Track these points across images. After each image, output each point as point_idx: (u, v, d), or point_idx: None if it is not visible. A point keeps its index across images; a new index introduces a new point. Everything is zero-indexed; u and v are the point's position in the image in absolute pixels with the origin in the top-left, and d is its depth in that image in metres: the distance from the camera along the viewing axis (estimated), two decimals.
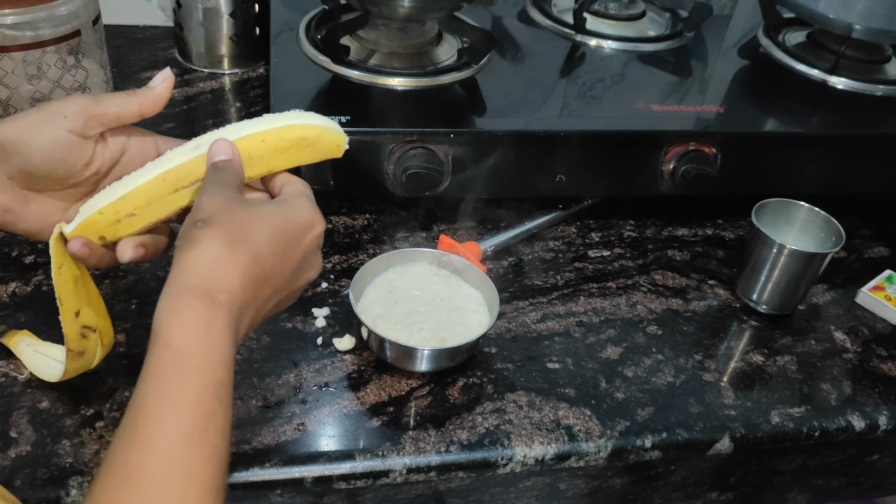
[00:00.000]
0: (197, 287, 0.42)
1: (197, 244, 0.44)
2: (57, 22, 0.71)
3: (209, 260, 0.43)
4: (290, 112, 0.54)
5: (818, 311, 0.78)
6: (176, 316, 0.41)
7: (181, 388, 0.39)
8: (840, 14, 0.91)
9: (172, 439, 0.38)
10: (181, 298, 0.42)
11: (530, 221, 0.82)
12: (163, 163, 0.50)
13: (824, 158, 0.84)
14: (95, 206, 0.50)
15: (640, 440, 0.62)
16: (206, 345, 0.41)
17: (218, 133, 0.52)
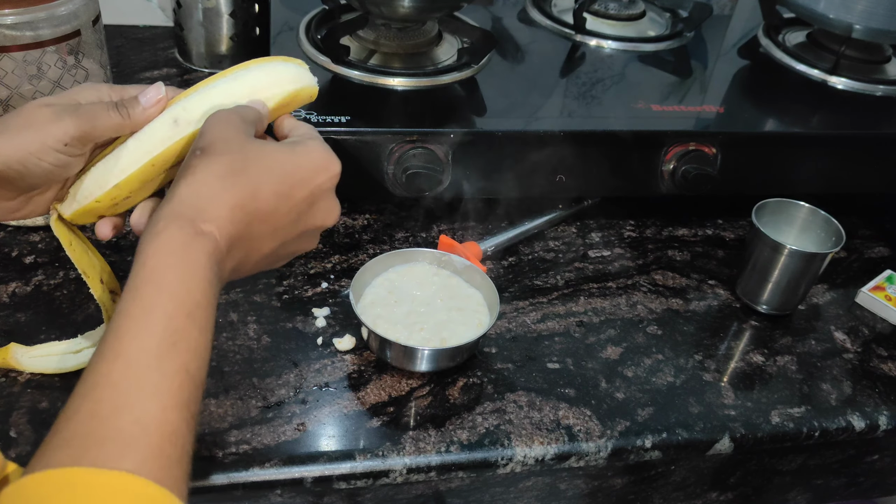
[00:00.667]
0: (181, 214, 0.42)
1: (191, 173, 0.44)
2: (57, 22, 0.70)
3: (198, 188, 0.43)
4: (259, 65, 0.54)
5: (818, 311, 0.78)
6: (156, 238, 0.41)
7: (153, 305, 0.40)
8: (840, 14, 0.91)
9: (141, 350, 0.38)
10: (162, 222, 0.42)
11: (530, 221, 0.82)
12: (147, 144, 0.50)
13: (824, 158, 0.84)
14: (90, 192, 0.51)
15: (641, 440, 0.62)
16: (180, 265, 0.41)
17: (193, 97, 0.51)
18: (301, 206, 0.47)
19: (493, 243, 0.79)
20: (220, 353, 0.64)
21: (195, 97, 0.51)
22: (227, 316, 0.68)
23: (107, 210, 0.52)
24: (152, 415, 0.37)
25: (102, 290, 0.56)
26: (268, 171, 0.45)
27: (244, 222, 0.44)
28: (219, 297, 0.44)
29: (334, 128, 0.71)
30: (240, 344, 0.65)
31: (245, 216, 0.44)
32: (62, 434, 0.36)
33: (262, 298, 0.70)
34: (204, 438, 0.57)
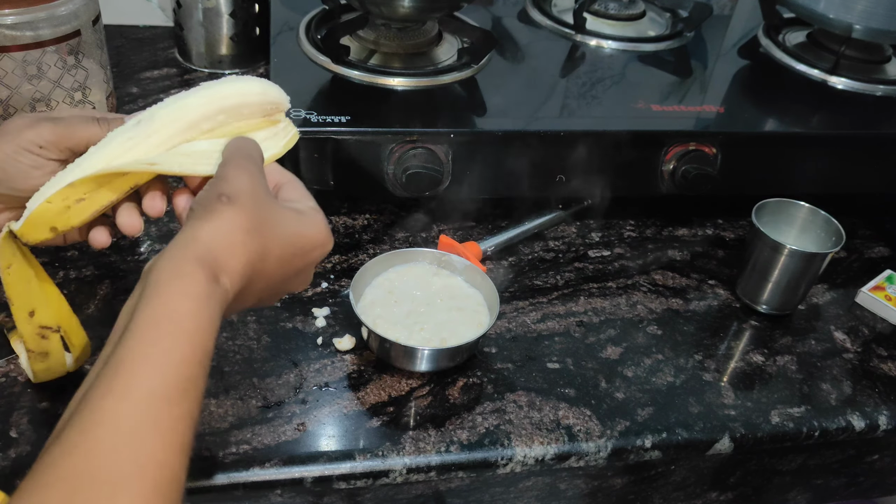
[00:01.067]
0: (206, 260, 0.42)
1: (217, 218, 0.44)
2: (57, 22, 0.71)
3: (225, 239, 0.43)
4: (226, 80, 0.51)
5: (818, 311, 0.78)
6: (179, 279, 0.41)
7: (170, 348, 0.39)
8: (840, 14, 0.91)
9: (151, 393, 0.38)
10: (188, 265, 0.41)
11: (530, 221, 0.82)
12: (107, 146, 0.49)
13: (824, 158, 0.84)
14: (41, 193, 0.48)
15: (640, 440, 0.62)
16: (201, 314, 0.41)
17: (159, 105, 0.50)
18: (291, 273, 0.49)
19: (493, 243, 0.79)
20: (220, 352, 0.64)
21: (160, 105, 0.50)
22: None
23: (59, 216, 0.48)
24: (154, 458, 0.36)
25: (28, 323, 0.53)
26: (280, 236, 0.47)
27: (249, 279, 0.45)
28: None
29: (334, 128, 0.71)
30: (240, 344, 0.65)
31: (252, 273, 0.45)
32: (56, 471, 0.35)
33: None
34: (204, 438, 0.58)
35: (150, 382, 0.38)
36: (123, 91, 0.94)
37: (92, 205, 0.49)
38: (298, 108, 0.73)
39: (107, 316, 0.58)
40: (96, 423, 0.36)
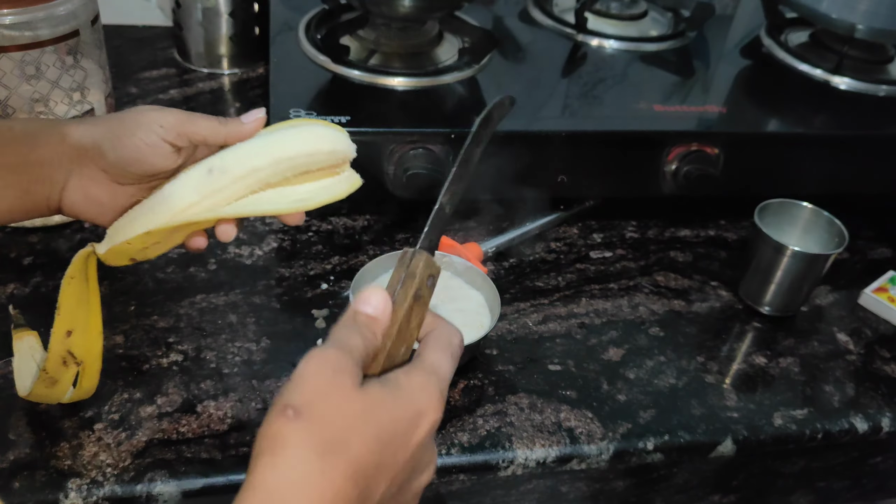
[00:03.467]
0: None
1: (282, 449, 0.34)
2: (55, 22, 0.70)
3: (296, 477, 0.34)
4: (297, 126, 0.52)
5: (821, 312, 0.78)
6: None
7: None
8: (843, 14, 0.91)
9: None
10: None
11: (532, 222, 0.82)
12: (181, 192, 0.51)
13: (827, 159, 0.84)
14: (124, 233, 0.51)
15: (642, 442, 0.62)
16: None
17: (230, 149, 0.51)
18: (404, 471, 0.38)
19: (493, 244, 0.78)
20: (219, 354, 0.64)
21: (231, 149, 0.51)
22: (227, 317, 0.67)
23: (137, 253, 0.52)
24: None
25: (61, 342, 0.53)
26: (370, 440, 0.36)
27: (355, 500, 0.35)
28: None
29: None
30: (239, 346, 0.65)
31: (354, 494, 0.35)
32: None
33: (262, 300, 0.70)
34: (203, 440, 0.57)
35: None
36: (122, 91, 0.93)
37: (167, 246, 0.53)
38: (298, 108, 0.72)
39: (106, 317, 0.58)
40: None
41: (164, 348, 0.64)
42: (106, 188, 0.52)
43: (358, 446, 0.35)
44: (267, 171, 0.50)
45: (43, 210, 0.52)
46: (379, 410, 0.37)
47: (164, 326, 0.66)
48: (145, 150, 0.50)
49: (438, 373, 0.40)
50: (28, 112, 0.73)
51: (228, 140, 0.52)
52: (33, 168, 0.50)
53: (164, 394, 0.60)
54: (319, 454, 0.34)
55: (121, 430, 0.57)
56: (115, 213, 0.53)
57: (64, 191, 0.52)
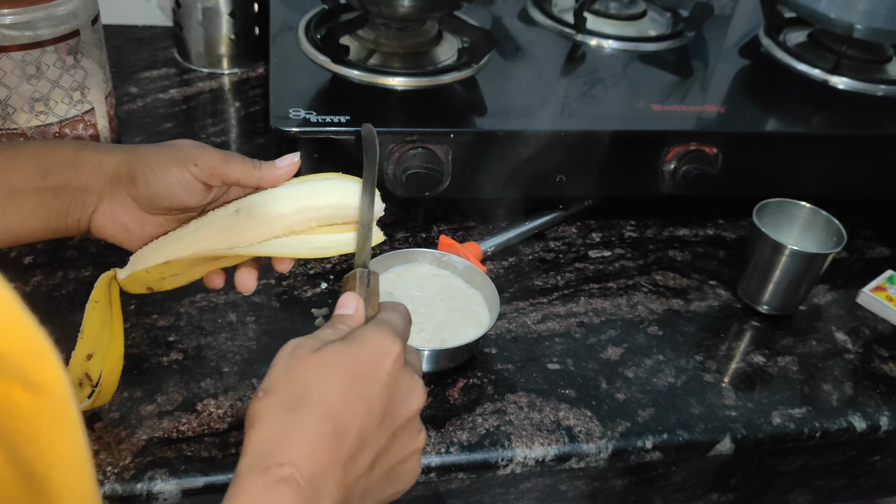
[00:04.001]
0: (253, 467, 0.38)
1: (257, 420, 0.40)
2: (56, 22, 0.70)
3: (268, 434, 0.39)
4: (330, 180, 0.52)
5: (819, 311, 0.78)
6: (233, 500, 0.37)
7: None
8: (841, 14, 0.91)
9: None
10: (237, 484, 0.38)
11: (531, 222, 0.82)
12: (205, 229, 0.52)
13: (826, 158, 0.84)
14: (144, 261, 0.52)
15: (641, 441, 0.62)
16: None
17: (260, 194, 0.52)
18: (380, 405, 0.42)
19: (493, 243, 0.78)
20: (219, 353, 0.64)
21: (260, 194, 0.52)
22: (227, 316, 0.68)
23: (155, 282, 0.53)
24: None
25: (80, 364, 0.54)
26: (333, 384, 0.41)
27: (328, 449, 0.39)
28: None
29: (334, 127, 0.71)
30: (239, 344, 0.65)
31: (327, 442, 0.39)
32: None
33: (262, 299, 0.70)
34: (203, 439, 0.57)
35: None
36: (122, 91, 0.94)
37: (184, 279, 0.54)
38: (298, 108, 0.73)
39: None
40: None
41: (164, 347, 0.64)
42: (135, 216, 0.53)
43: (321, 392, 0.40)
44: (292, 217, 0.51)
45: (72, 231, 0.53)
46: (338, 360, 0.41)
47: (165, 325, 0.66)
48: (177, 187, 0.51)
49: (390, 322, 0.45)
50: (28, 111, 0.73)
51: (262, 184, 0.52)
52: (73, 192, 0.51)
53: (165, 392, 0.61)
54: (288, 410, 0.39)
55: (121, 428, 0.57)
56: (142, 240, 0.54)
57: (94, 214, 0.52)
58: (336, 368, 0.41)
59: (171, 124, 0.90)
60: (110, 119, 0.81)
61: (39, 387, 0.25)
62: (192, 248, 0.51)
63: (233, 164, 0.51)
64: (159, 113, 0.91)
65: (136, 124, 0.88)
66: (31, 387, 0.25)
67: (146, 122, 0.89)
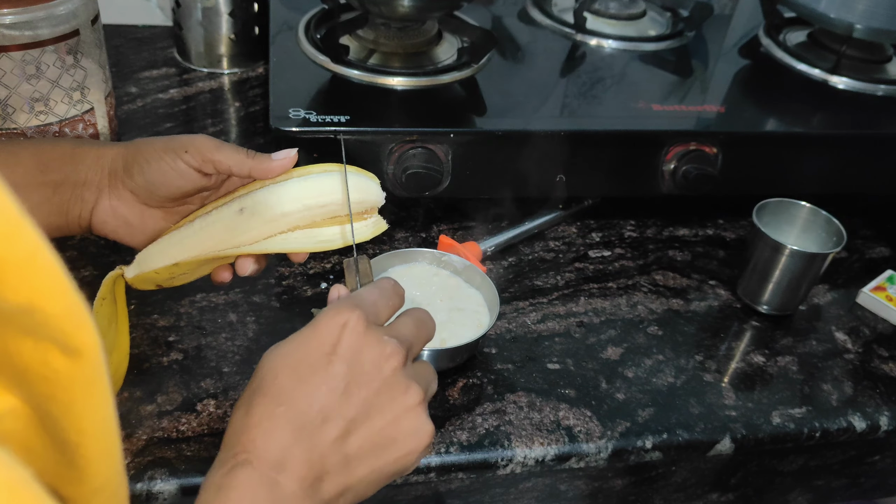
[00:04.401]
0: (216, 464, 0.41)
1: (229, 424, 0.43)
2: (55, 21, 0.70)
3: (229, 432, 0.42)
4: (330, 174, 0.53)
5: (819, 311, 0.78)
6: (198, 497, 0.40)
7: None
8: (841, 14, 0.91)
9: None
10: (203, 482, 0.40)
11: (530, 221, 0.82)
12: (210, 229, 0.52)
13: (825, 158, 0.84)
14: (152, 262, 0.53)
15: (641, 441, 0.62)
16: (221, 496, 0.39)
17: (261, 191, 0.53)
18: (338, 376, 0.42)
19: (493, 243, 0.78)
20: (219, 353, 0.64)
21: (263, 191, 0.53)
22: (227, 316, 0.68)
23: (164, 281, 0.55)
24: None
25: None
26: (283, 370, 0.42)
27: (281, 430, 0.40)
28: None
29: (333, 127, 0.71)
30: (239, 344, 0.65)
31: (277, 422, 0.41)
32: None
33: (262, 299, 0.70)
34: (203, 439, 0.57)
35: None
36: (122, 91, 0.94)
37: (193, 276, 0.56)
38: (297, 108, 0.73)
39: None
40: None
41: (164, 347, 0.64)
42: (134, 209, 0.53)
43: (271, 381, 0.42)
44: (297, 215, 0.52)
45: (74, 228, 0.53)
46: (287, 347, 0.43)
47: (165, 325, 0.66)
48: (171, 174, 0.52)
49: (353, 296, 0.46)
50: (28, 111, 0.73)
51: (253, 173, 0.53)
52: (73, 187, 0.52)
53: (165, 392, 0.61)
54: (245, 405, 0.42)
55: (121, 428, 0.57)
56: (144, 235, 0.54)
57: (94, 209, 0.53)
58: (285, 355, 0.43)
59: (171, 124, 0.90)
60: (110, 119, 0.81)
61: (78, 352, 0.26)
62: (199, 249, 0.52)
63: (225, 151, 0.52)
64: (159, 113, 0.91)
65: (136, 124, 0.88)
66: (71, 352, 0.25)
67: (146, 122, 0.89)
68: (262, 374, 0.42)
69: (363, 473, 0.42)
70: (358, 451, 0.42)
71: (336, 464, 0.41)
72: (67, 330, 0.25)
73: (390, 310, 0.47)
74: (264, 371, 0.42)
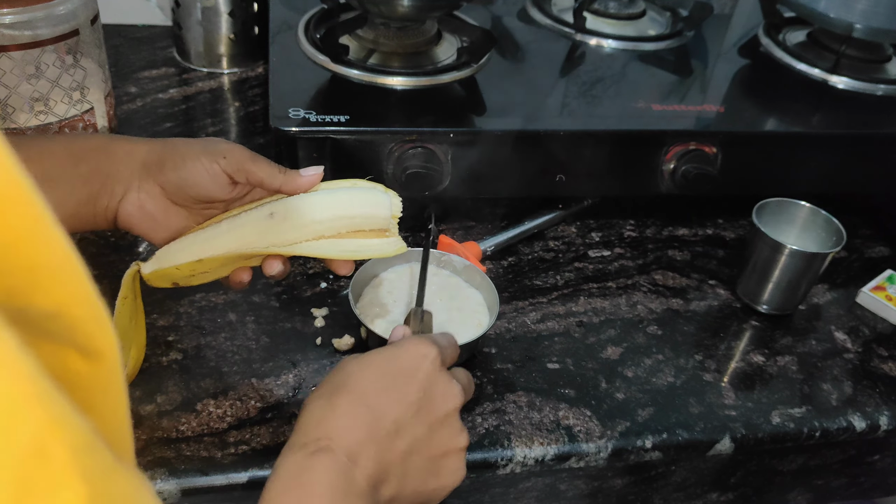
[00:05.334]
0: (294, 445, 0.43)
1: (303, 409, 0.46)
2: (55, 21, 0.70)
3: (309, 417, 0.45)
4: (359, 189, 0.56)
5: (819, 311, 0.78)
6: (274, 473, 0.42)
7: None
8: (840, 13, 0.91)
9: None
10: (280, 460, 0.43)
11: (530, 221, 0.82)
12: (239, 230, 0.54)
13: (825, 158, 0.84)
14: (174, 258, 0.54)
15: (641, 440, 0.62)
16: (296, 489, 0.41)
17: (293, 199, 0.54)
18: (414, 397, 0.47)
19: (492, 243, 0.78)
20: (218, 353, 0.64)
21: (294, 199, 0.55)
22: (226, 316, 0.68)
23: (182, 279, 0.55)
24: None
25: None
26: (369, 376, 0.46)
27: (361, 426, 0.44)
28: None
29: (333, 127, 0.71)
30: (238, 344, 0.65)
31: (359, 420, 0.44)
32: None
33: (261, 298, 0.70)
34: (203, 439, 0.57)
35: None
36: (122, 90, 0.93)
37: (213, 276, 0.57)
38: (297, 108, 0.73)
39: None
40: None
41: (163, 347, 0.64)
42: (161, 205, 0.54)
43: (357, 382, 0.45)
44: (325, 224, 0.54)
45: (100, 221, 0.54)
46: (376, 358, 0.47)
47: (164, 325, 0.66)
48: (204, 175, 0.53)
49: (431, 336, 0.51)
50: (28, 111, 0.73)
51: (283, 188, 0.55)
52: (104, 179, 0.53)
53: (164, 392, 0.61)
54: (328, 397, 0.45)
55: None
56: (166, 232, 0.55)
57: (122, 202, 0.54)
58: (373, 365, 0.47)
59: (171, 124, 0.90)
60: (110, 119, 0.81)
61: (99, 355, 0.26)
62: (226, 248, 0.53)
63: (259, 164, 0.54)
64: (159, 113, 0.91)
65: (135, 124, 0.88)
66: (91, 355, 0.26)
67: (146, 121, 0.89)
68: (347, 372, 0.46)
69: (410, 490, 0.46)
70: (414, 468, 0.46)
71: (396, 473, 0.45)
72: (90, 333, 0.25)
73: (452, 360, 0.53)
74: (349, 370, 0.46)
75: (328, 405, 0.45)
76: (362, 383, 0.46)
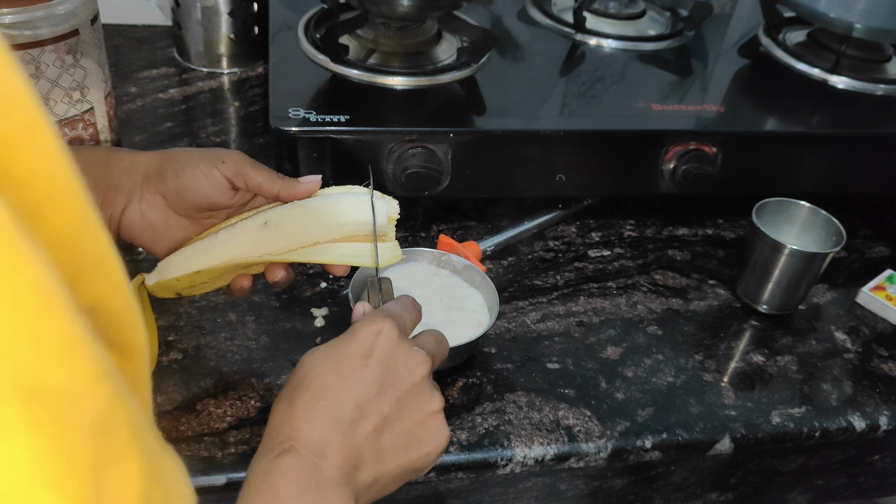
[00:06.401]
0: (261, 452, 0.44)
1: (270, 413, 0.46)
2: (55, 21, 0.70)
3: (272, 423, 0.45)
4: (355, 195, 0.56)
5: (819, 311, 0.78)
6: (245, 482, 0.43)
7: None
8: (840, 13, 0.91)
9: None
10: (249, 467, 0.43)
11: (530, 221, 0.82)
12: (235, 240, 0.54)
13: (825, 158, 0.84)
14: (174, 270, 0.54)
15: (641, 440, 0.62)
16: (266, 490, 0.42)
17: (286, 207, 0.55)
18: (373, 377, 0.46)
19: (492, 243, 0.78)
20: (218, 353, 0.64)
21: (288, 206, 0.55)
22: (226, 316, 0.68)
23: (184, 289, 0.56)
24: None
25: None
26: (324, 368, 0.46)
27: (321, 421, 0.44)
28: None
29: (333, 127, 0.71)
30: (238, 344, 0.65)
31: (317, 414, 0.44)
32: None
33: (261, 298, 0.70)
34: (203, 439, 0.57)
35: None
36: (122, 90, 0.93)
37: (214, 285, 0.57)
38: (297, 108, 0.73)
39: None
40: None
41: (163, 346, 0.64)
42: (162, 214, 0.55)
43: (312, 378, 0.45)
44: (320, 231, 0.54)
45: None
46: (328, 350, 0.47)
47: (164, 325, 0.66)
48: (204, 181, 0.53)
49: (385, 309, 0.50)
50: None
51: (281, 194, 0.55)
52: (106, 190, 0.53)
53: (164, 392, 0.61)
54: (287, 399, 0.45)
55: None
56: (167, 241, 0.56)
57: (124, 213, 0.54)
58: (327, 356, 0.46)
59: (171, 124, 0.90)
60: (110, 119, 0.81)
61: (131, 349, 0.27)
62: (222, 258, 0.54)
63: (258, 169, 0.55)
64: (159, 112, 0.91)
65: (135, 124, 0.88)
66: (123, 349, 0.26)
67: (146, 121, 0.89)
68: (304, 372, 0.46)
69: (391, 467, 0.46)
70: (389, 445, 0.46)
71: (370, 456, 0.45)
72: (123, 328, 0.26)
73: (413, 323, 0.52)
74: (305, 369, 0.46)
75: (288, 407, 0.45)
76: (318, 378, 0.45)
